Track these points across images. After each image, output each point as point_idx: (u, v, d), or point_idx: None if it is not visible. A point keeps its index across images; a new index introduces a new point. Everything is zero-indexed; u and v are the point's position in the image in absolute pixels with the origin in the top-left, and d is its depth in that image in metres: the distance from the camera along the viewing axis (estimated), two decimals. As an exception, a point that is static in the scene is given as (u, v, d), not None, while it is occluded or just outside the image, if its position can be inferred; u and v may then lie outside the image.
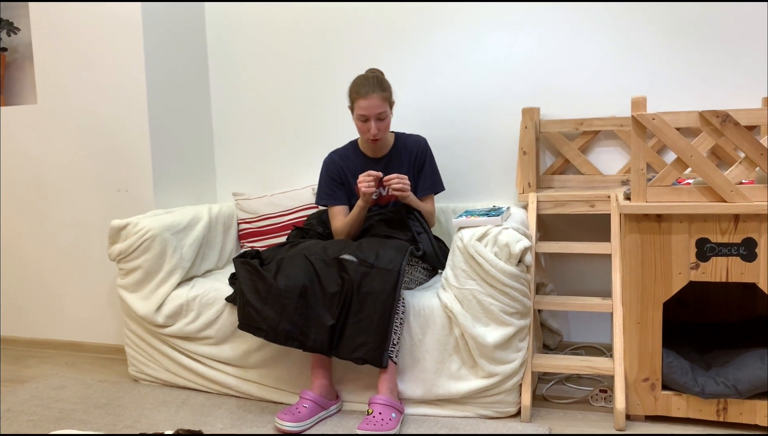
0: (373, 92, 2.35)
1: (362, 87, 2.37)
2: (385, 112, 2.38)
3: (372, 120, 2.37)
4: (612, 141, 2.68)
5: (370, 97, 2.35)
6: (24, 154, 3.05)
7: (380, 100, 2.36)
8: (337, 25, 2.99)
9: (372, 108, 2.35)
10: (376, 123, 2.38)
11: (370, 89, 2.36)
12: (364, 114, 2.37)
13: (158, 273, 2.47)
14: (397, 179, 2.32)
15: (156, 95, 2.85)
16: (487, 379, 2.09)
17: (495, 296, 2.06)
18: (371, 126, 2.38)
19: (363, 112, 2.36)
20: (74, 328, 3.08)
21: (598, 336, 2.79)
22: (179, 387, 2.53)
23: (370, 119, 2.37)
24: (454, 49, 2.83)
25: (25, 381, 2.69)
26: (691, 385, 2.01)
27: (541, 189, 2.66)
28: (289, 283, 2.10)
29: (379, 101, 2.36)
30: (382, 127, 2.40)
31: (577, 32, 2.67)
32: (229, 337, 2.38)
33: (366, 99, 2.35)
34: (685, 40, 2.56)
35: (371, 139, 2.41)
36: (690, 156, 1.94)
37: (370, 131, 2.38)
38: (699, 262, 1.98)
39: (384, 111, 2.38)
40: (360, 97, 2.36)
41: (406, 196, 2.37)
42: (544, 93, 2.73)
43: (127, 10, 2.77)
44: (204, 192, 3.18)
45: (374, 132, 2.38)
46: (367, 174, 2.33)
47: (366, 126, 2.39)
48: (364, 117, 2.38)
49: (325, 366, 2.23)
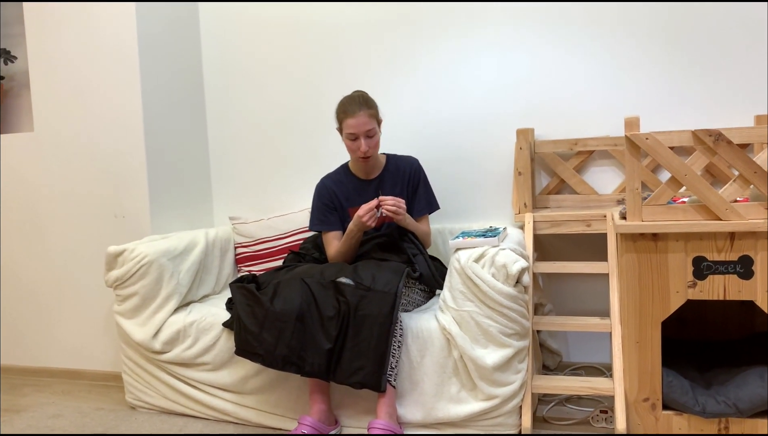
0: (360, 110, 2.37)
1: (349, 106, 2.39)
2: (373, 129, 2.40)
3: (361, 138, 2.39)
4: (606, 160, 2.70)
5: (357, 115, 2.36)
6: (21, 181, 3.05)
7: (368, 117, 2.38)
8: (330, 49, 3.01)
9: (360, 125, 2.37)
10: (365, 140, 2.39)
11: (357, 107, 2.38)
12: (353, 132, 2.38)
13: (155, 299, 2.46)
14: (393, 201, 2.33)
15: (152, 121, 2.86)
16: (487, 401, 2.08)
17: (493, 317, 2.06)
18: (361, 144, 2.39)
19: (352, 130, 2.38)
20: (70, 355, 3.06)
21: (598, 356, 2.78)
22: (177, 414, 2.51)
23: (359, 137, 2.39)
24: (448, 71, 2.85)
25: (21, 410, 2.66)
26: (691, 404, 2.00)
27: (537, 209, 2.66)
28: (286, 307, 2.10)
29: (367, 118, 2.37)
30: (372, 144, 2.41)
31: (569, 53, 2.70)
32: (227, 362, 2.37)
33: (354, 117, 2.37)
34: (676, 59, 2.58)
35: (361, 157, 2.42)
36: (684, 175, 1.95)
37: (360, 149, 2.40)
38: (696, 280, 1.98)
39: (372, 128, 2.39)
40: (348, 116, 2.38)
41: (400, 218, 2.38)
42: (537, 113, 2.75)
43: (123, 38, 2.79)
44: (201, 217, 3.18)
45: (364, 149, 2.39)
46: (369, 208, 2.32)
47: (356, 144, 2.41)
48: (353, 135, 2.39)
49: (324, 391, 2.22)
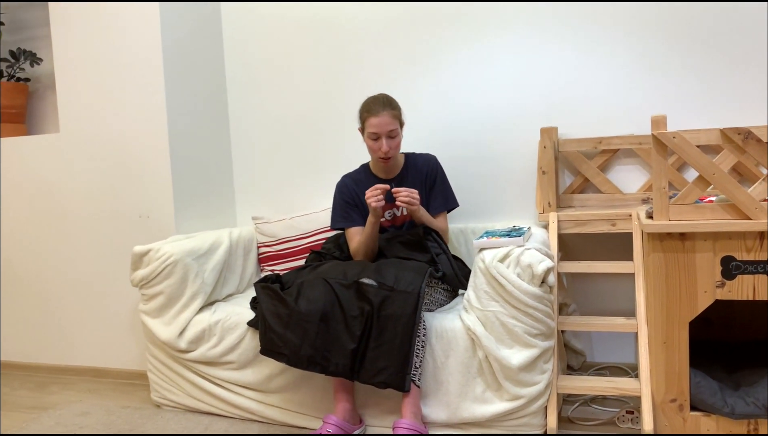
0: (384, 110, 2.38)
1: (372, 106, 2.41)
2: (395, 129, 2.40)
3: (383, 138, 2.39)
4: (631, 159, 2.67)
5: (380, 115, 2.37)
6: (46, 182, 3.09)
7: (390, 117, 2.39)
8: (352, 49, 3.02)
9: (383, 125, 2.38)
10: (387, 141, 2.40)
11: (381, 107, 2.39)
12: (376, 132, 2.39)
13: (180, 298, 2.49)
14: (405, 192, 2.33)
15: (176, 122, 2.88)
16: (512, 402, 2.07)
17: (519, 317, 2.05)
18: (383, 144, 2.40)
19: (374, 129, 2.39)
20: (96, 354, 3.10)
21: (622, 356, 2.75)
22: (202, 412, 2.53)
23: (381, 137, 2.40)
24: (470, 70, 2.84)
25: (49, 408, 2.70)
26: (720, 405, 1.98)
27: (561, 208, 2.65)
28: (310, 307, 2.10)
29: (390, 118, 2.38)
30: (393, 145, 2.42)
31: (593, 51, 2.68)
32: (252, 361, 2.38)
33: (377, 117, 2.37)
34: (701, 57, 2.55)
35: (382, 157, 2.42)
36: (712, 173, 1.93)
37: (381, 149, 2.40)
38: (725, 280, 1.96)
39: (395, 128, 2.40)
40: (371, 115, 2.39)
41: (414, 209, 2.38)
42: (561, 112, 2.73)
43: (147, 39, 2.82)
44: (224, 217, 3.20)
45: (385, 149, 2.40)
46: (374, 188, 2.33)
47: (377, 144, 2.41)
48: (376, 135, 2.40)
49: (348, 390, 2.22)
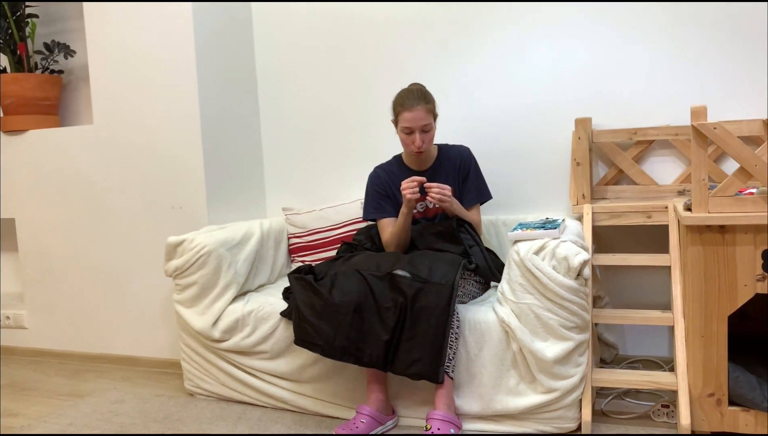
0: (418, 104, 2.36)
1: (407, 99, 2.39)
2: (429, 124, 2.39)
3: (417, 132, 2.38)
4: (667, 150, 2.64)
5: (415, 110, 2.36)
6: (80, 173, 3.14)
7: (425, 112, 2.37)
8: (383, 42, 3.01)
9: (417, 120, 2.36)
10: (420, 135, 2.39)
11: (415, 102, 2.37)
12: (409, 126, 2.38)
13: (214, 288, 2.51)
14: (437, 189, 2.32)
15: (208, 114, 2.90)
16: (546, 394, 2.06)
17: (554, 310, 2.04)
18: (416, 138, 2.39)
19: (408, 124, 2.37)
20: (130, 343, 3.15)
21: (654, 349, 2.73)
22: (235, 402, 2.56)
23: (414, 131, 2.39)
24: (503, 60, 2.82)
25: (85, 395, 2.75)
26: (759, 401, 1.96)
27: (595, 200, 2.62)
28: (344, 298, 2.11)
29: (424, 113, 2.37)
30: (427, 139, 2.41)
31: (628, 40, 2.64)
32: (284, 351, 2.40)
33: (411, 111, 2.36)
34: (738, 46, 2.50)
35: (416, 151, 2.41)
36: (754, 165, 1.89)
37: (414, 143, 2.39)
38: (765, 274, 1.93)
39: (428, 123, 2.38)
40: (405, 109, 2.37)
41: (446, 206, 2.37)
42: (594, 103, 2.70)
43: (180, 34, 2.84)
44: (254, 208, 3.22)
45: (419, 144, 2.39)
46: (411, 180, 2.33)
47: (411, 138, 2.40)
48: (409, 129, 2.39)
49: (381, 381, 2.23)
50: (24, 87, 3.17)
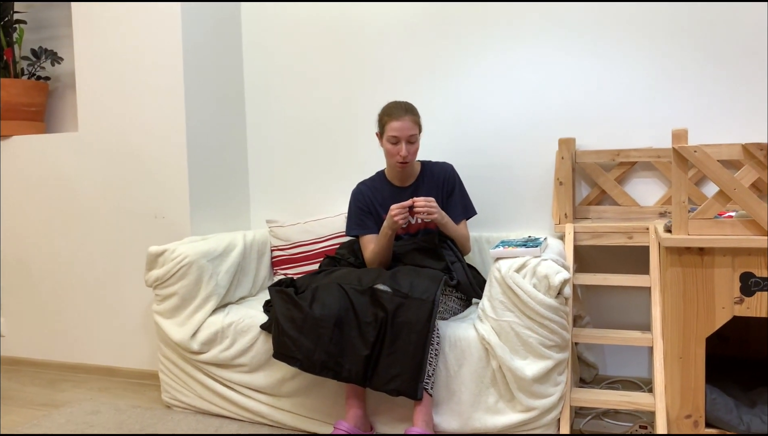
0: (405, 115, 2.40)
1: (395, 110, 2.42)
2: (415, 135, 2.42)
3: (403, 142, 2.40)
4: (649, 172, 2.66)
5: (402, 119, 2.39)
6: (63, 180, 3.11)
7: (412, 123, 2.40)
8: (371, 56, 3.02)
9: (404, 129, 2.39)
10: (406, 146, 2.41)
11: (402, 112, 2.40)
12: (396, 135, 2.40)
13: (194, 300, 2.49)
14: (423, 202, 2.33)
15: (194, 124, 2.90)
16: (525, 413, 2.06)
17: (533, 328, 2.04)
18: (402, 148, 2.40)
19: (395, 133, 2.39)
20: (108, 352, 3.11)
21: (634, 370, 2.73)
22: (212, 414, 2.53)
23: (401, 141, 2.40)
24: (488, 79, 2.84)
25: (60, 405, 2.71)
26: (736, 423, 1.96)
27: (578, 220, 2.64)
28: (325, 312, 2.10)
29: (411, 124, 2.40)
30: (412, 150, 2.43)
31: (612, 63, 2.67)
32: (263, 365, 2.38)
33: (399, 120, 2.39)
34: (720, 70, 2.54)
35: (400, 161, 2.42)
36: (733, 189, 1.91)
37: (400, 153, 2.41)
38: (743, 296, 1.94)
39: (414, 134, 2.41)
40: (392, 119, 2.40)
41: (435, 218, 2.37)
42: (578, 123, 2.73)
43: (167, 40, 2.84)
44: (238, 219, 3.21)
45: (404, 154, 2.40)
46: (401, 206, 2.33)
47: (396, 148, 2.42)
48: (396, 139, 2.41)
49: (360, 396, 2.22)
50: (10, 93, 3.15)
